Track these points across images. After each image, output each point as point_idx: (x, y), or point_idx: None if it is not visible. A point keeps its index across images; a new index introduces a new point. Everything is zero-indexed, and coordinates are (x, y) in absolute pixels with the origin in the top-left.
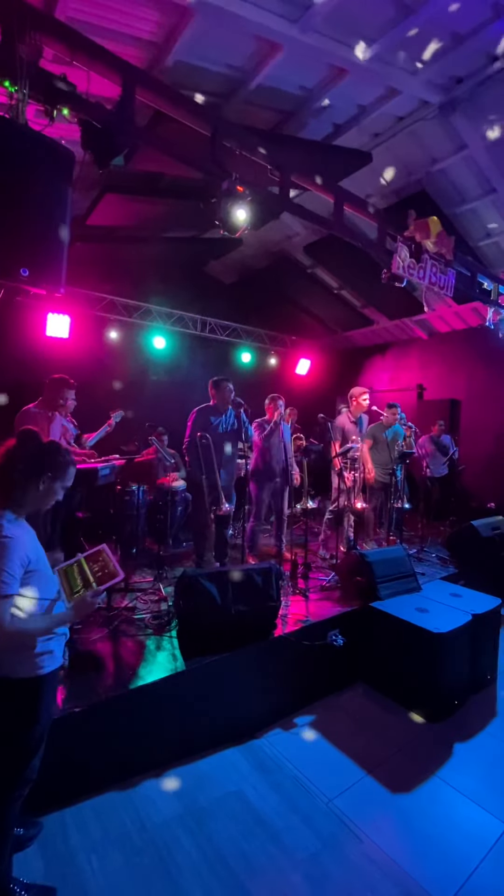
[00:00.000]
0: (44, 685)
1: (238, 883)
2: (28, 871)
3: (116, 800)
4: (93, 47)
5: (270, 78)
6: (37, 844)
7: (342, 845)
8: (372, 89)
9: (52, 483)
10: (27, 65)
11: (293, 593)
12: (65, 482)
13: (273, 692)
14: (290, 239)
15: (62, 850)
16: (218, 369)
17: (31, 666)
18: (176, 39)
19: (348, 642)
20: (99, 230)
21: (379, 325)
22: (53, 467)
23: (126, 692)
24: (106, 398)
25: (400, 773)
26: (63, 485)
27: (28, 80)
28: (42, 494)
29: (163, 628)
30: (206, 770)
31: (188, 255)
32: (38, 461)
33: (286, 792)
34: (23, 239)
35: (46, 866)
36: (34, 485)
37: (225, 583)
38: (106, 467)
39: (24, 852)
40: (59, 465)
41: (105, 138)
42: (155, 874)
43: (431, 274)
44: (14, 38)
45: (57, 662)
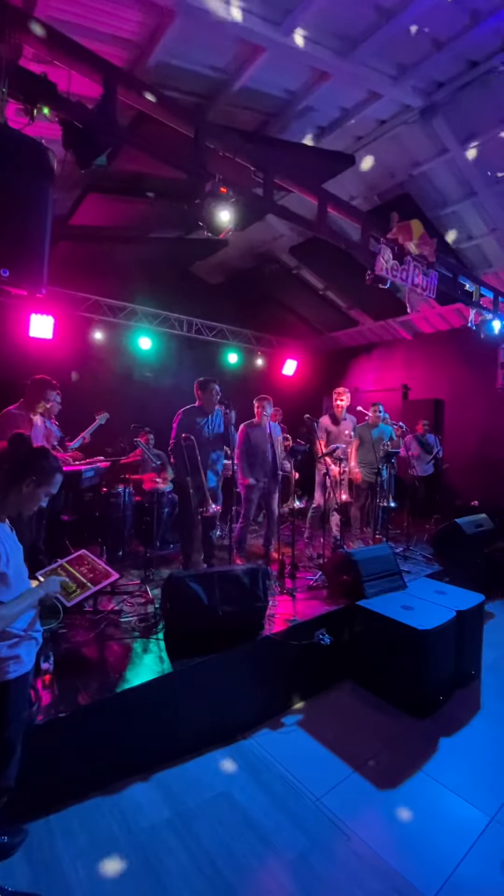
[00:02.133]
0: (10, 690)
1: (227, 884)
2: (14, 878)
3: (103, 805)
4: (73, 46)
5: (254, 80)
6: (22, 852)
7: (330, 843)
8: (354, 92)
9: (37, 488)
10: (6, 63)
11: (280, 593)
12: (50, 488)
13: (261, 692)
14: (276, 240)
15: (48, 857)
16: (204, 370)
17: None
18: (158, 40)
19: (335, 641)
20: (82, 230)
21: (364, 325)
22: (39, 471)
23: (112, 695)
24: (90, 400)
25: (387, 769)
26: (47, 491)
27: (7, 78)
28: (25, 498)
29: (150, 631)
30: (193, 772)
31: (174, 255)
32: (23, 464)
33: (274, 792)
34: (2, 238)
35: (33, 873)
36: (17, 487)
37: (212, 584)
38: (90, 469)
39: (9, 860)
40: (44, 470)
41: (87, 138)
42: (143, 878)
43: (414, 275)
44: None
45: (25, 667)
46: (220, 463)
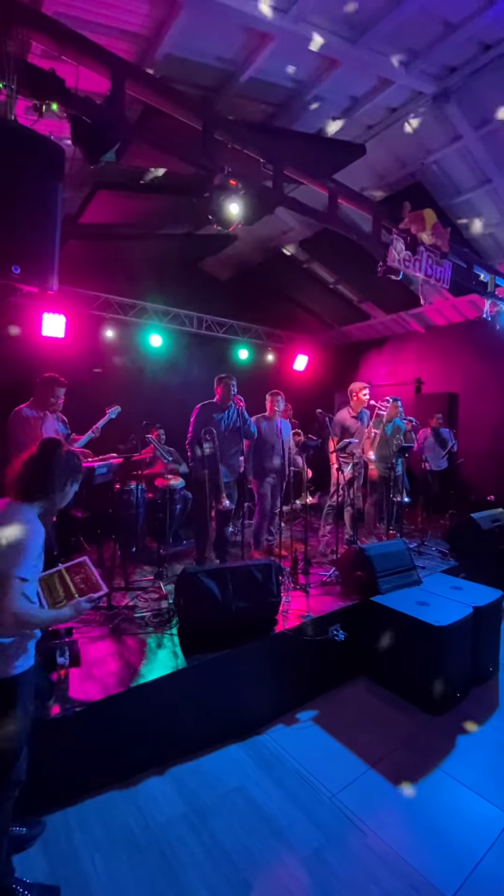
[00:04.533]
0: (19, 685)
1: (242, 879)
2: (31, 870)
3: (119, 798)
4: (81, 41)
5: (262, 70)
6: (40, 844)
7: (346, 839)
8: (364, 80)
9: (73, 486)
10: (14, 60)
11: (293, 589)
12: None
13: (275, 688)
14: (285, 234)
15: (65, 850)
16: (215, 367)
17: (6, 666)
18: (165, 32)
19: (349, 637)
20: (92, 228)
21: (376, 319)
22: (75, 471)
23: (127, 690)
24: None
25: (403, 766)
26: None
27: (16, 75)
28: (65, 496)
29: (163, 626)
30: (208, 767)
31: (183, 251)
32: (68, 466)
33: (289, 787)
34: (14, 236)
35: (50, 866)
36: (62, 489)
37: (225, 579)
38: (103, 466)
39: (27, 852)
40: (78, 469)
41: (95, 133)
42: (159, 872)
43: (427, 266)
44: (0, 33)
45: (31, 661)
46: (236, 458)
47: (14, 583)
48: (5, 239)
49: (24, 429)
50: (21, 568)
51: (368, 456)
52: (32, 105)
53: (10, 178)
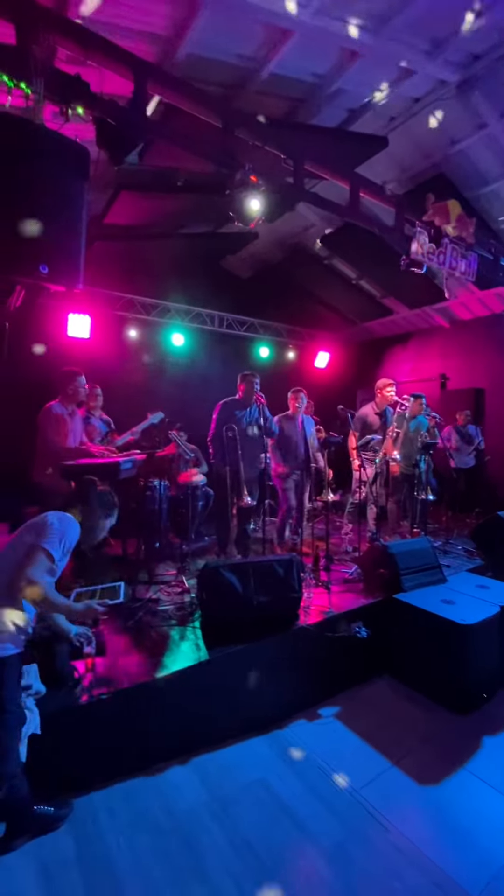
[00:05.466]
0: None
1: (263, 868)
2: (59, 850)
3: (143, 785)
4: (105, 45)
5: (282, 66)
6: (68, 826)
7: (368, 834)
8: (386, 71)
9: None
10: (42, 66)
11: (315, 585)
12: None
13: (297, 683)
14: (306, 230)
15: (92, 832)
16: (236, 365)
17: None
18: (186, 32)
19: (372, 634)
20: (115, 229)
21: (399, 314)
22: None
23: (152, 680)
24: (128, 396)
25: (427, 764)
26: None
27: (43, 80)
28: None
29: (186, 619)
30: (230, 758)
31: (204, 250)
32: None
33: (311, 781)
34: (41, 236)
35: (77, 846)
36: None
37: (246, 574)
38: (128, 461)
39: (55, 833)
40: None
41: (119, 135)
42: (182, 857)
43: (452, 258)
44: (28, 40)
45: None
46: (258, 455)
47: (42, 554)
48: (34, 239)
49: (53, 425)
50: (51, 544)
51: (392, 454)
52: (59, 109)
53: (39, 180)
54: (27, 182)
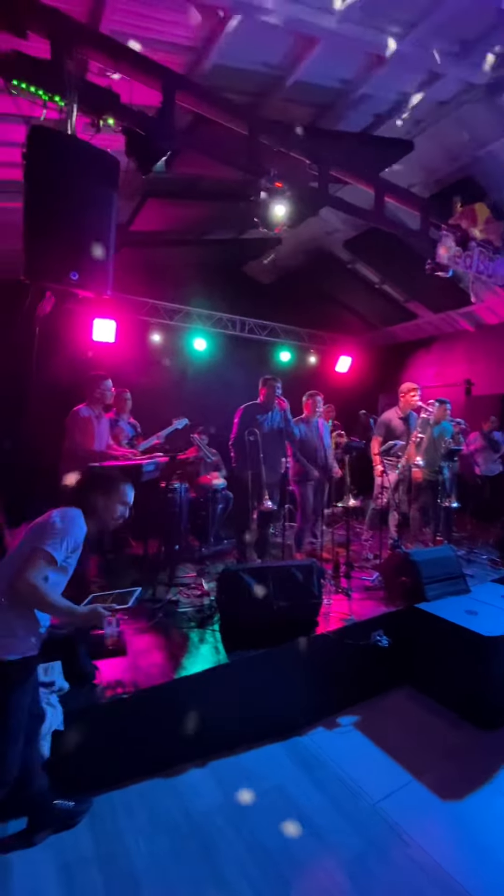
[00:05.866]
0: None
1: (281, 875)
2: (79, 847)
3: (161, 786)
4: (135, 57)
5: (308, 73)
6: (88, 823)
7: (388, 848)
8: (412, 75)
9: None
10: (74, 79)
11: (335, 592)
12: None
13: (316, 690)
14: (330, 235)
15: (111, 830)
16: (257, 369)
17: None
18: (214, 43)
19: (394, 644)
20: (141, 236)
21: (422, 318)
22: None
23: (172, 681)
24: (152, 400)
25: (450, 779)
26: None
27: (76, 93)
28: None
29: (205, 622)
30: (248, 763)
31: (227, 256)
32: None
33: (330, 791)
34: (73, 244)
35: (96, 844)
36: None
37: (266, 578)
38: (150, 464)
39: (75, 830)
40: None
41: (148, 145)
42: (199, 860)
43: (479, 262)
44: (62, 54)
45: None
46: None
47: (41, 555)
48: (65, 247)
49: (80, 428)
50: (53, 545)
51: (414, 460)
52: (91, 121)
53: (71, 190)
54: (60, 192)
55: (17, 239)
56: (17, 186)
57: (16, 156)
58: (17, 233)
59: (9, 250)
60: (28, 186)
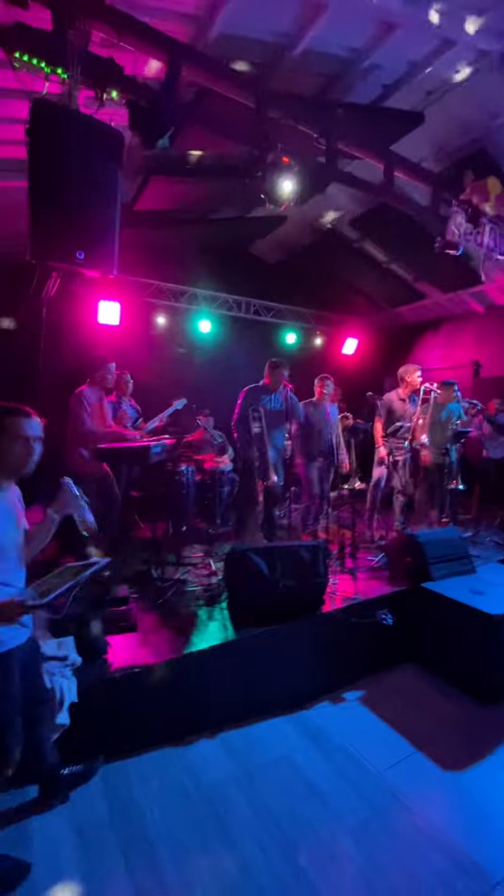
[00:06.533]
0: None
1: (289, 840)
2: (94, 811)
3: (173, 755)
4: (139, 27)
5: (316, 41)
6: (102, 790)
7: (392, 815)
8: (424, 43)
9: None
10: (77, 51)
11: (341, 572)
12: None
13: (322, 666)
14: (336, 213)
15: (125, 797)
16: (262, 351)
17: None
18: (220, 10)
19: (398, 622)
20: (145, 215)
21: (431, 299)
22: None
23: (182, 656)
24: (157, 383)
25: (452, 751)
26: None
27: (79, 66)
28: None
29: (213, 600)
30: (256, 735)
31: (233, 236)
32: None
33: (335, 761)
34: (78, 222)
35: (111, 809)
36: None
37: (273, 558)
38: (157, 445)
39: (91, 797)
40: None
41: (152, 118)
42: (210, 825)
43: (490, 239)
44: (65, 25)
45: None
46: (282, 439)
47: None
48: (70, 225)
49: (85, 408)
50: None
51: (421, 441)
52: (94, 94)
53: (75, 166)
54: (65, 168)
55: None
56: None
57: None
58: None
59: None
60: (32, 163)
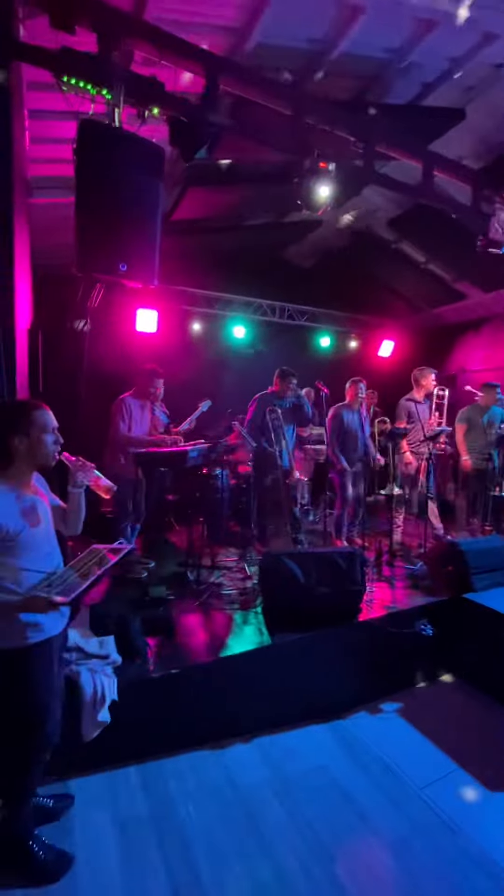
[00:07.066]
0: (31, 655)
1: (325, 849)
2: (134, 807)
3: (209, 757)
4: (178, 44)
5: (353, 44)
6: (141, 786)
7: (434, 834)
8: (465, 38)
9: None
10: (121, 71)
11: (377, 580)
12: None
13: (358, 675)
14: (372, 214)
15: (163, 794)
16: (296, 355)
17: (14, 636)
18: (257, 21)
19: (438, 633)
20: (182, 224)
21: (472, 299)
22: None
23: (217, 659)
24: (192, 388)
25: (498, 771)
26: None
27: (123, 85)
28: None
29: (248, 604)
30: (292, 742)
31: (267, 242)
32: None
33: (373, 773)
34: (121, 236)
35: (150, 805)
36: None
37: (308, 564)
38: (195, 450)
39: (131, 792)
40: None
41: (191, 132)
42: (245, 828)
43: None
44: (109, 47)
45: (45, 633)
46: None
47: None
48: (114, 239)
49: (121, 415)
50: None
51: (462, 446)
52: (137, 112)
53: (118, 182)
54: (109, 185)
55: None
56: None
57: (64, 152)
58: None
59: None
60: (79, 181)
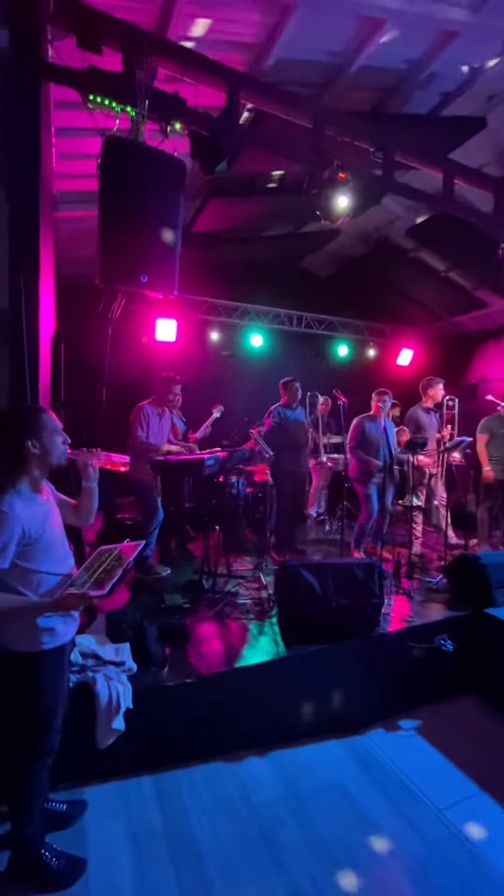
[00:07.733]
0: (44, 660)
1: (340, 868)
2: (147, 818)
3: (223, 770)
4: (201, 61)
5: (373, 57)
6: (155, 797)
7: (453, 858)
8: (485, 48)
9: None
10: (144, 88)
11: (397, 593)
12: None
13: (376, 690)
14: (391, 223)
15: (177, 808)
16: (313, 364)
17: (30, 641)
18: (277, 38)
19: (458, 649)
20: (202, 236)
21: (493, 307)
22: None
23: (232, 670)
24: (209, 396)
25: None
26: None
27: (146, 102)
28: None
29: (264, 614)
30: (307, 757)
31: (285, 252)
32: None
33: (390, 793)
34: (143, 248)
35: (164, 819)
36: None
37: (325, 575)
38: (211, 458)
39: (143, 805)
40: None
41: (212, 145)
42: (260, 847)
43: None
44: (133, 66)
45: (60, 640)
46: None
47: None
48: (136, 251)
49: (139, 422)
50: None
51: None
52: (159, 127)
53: (141, 196)
54: (132, 199)
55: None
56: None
57: (88, 167)
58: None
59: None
60: (103, 196)
